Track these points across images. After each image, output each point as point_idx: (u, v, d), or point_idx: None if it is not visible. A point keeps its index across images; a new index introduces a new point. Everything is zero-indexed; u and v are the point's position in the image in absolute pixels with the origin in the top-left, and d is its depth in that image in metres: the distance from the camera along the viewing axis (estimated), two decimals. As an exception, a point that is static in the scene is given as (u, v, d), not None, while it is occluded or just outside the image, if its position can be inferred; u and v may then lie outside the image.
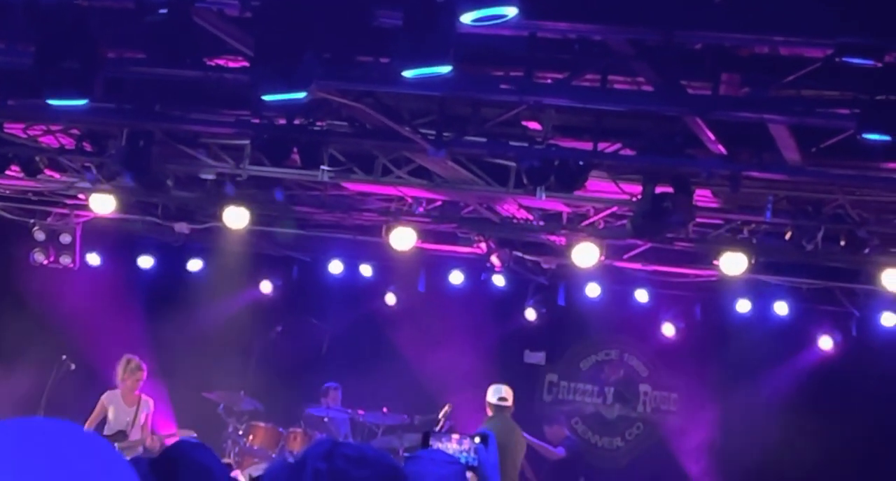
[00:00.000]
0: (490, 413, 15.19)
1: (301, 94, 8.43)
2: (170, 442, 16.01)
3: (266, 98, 8.60)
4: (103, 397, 15.91)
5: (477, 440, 5.59)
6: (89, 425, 15.60)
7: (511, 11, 7.31)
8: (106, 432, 15.48)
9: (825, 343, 18.01)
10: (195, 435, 16.06)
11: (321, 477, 2.66)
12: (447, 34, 7.53)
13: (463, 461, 5.42)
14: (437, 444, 5.62)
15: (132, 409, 15.83)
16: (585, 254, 15.14)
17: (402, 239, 15.70)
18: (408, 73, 7.92)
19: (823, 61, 9.16)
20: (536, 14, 8.18)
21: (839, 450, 17.15)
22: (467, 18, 7.38)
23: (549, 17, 8.58)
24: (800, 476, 17.19)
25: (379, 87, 10.56)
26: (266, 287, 20.38)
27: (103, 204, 16.30)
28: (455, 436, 5.68)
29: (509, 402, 15.23)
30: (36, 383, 17.46)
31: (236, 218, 15.70)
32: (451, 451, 5.47)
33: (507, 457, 14.71)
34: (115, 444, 14.21)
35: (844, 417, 17.37)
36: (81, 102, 9.38)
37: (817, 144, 11.19)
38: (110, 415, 15.74)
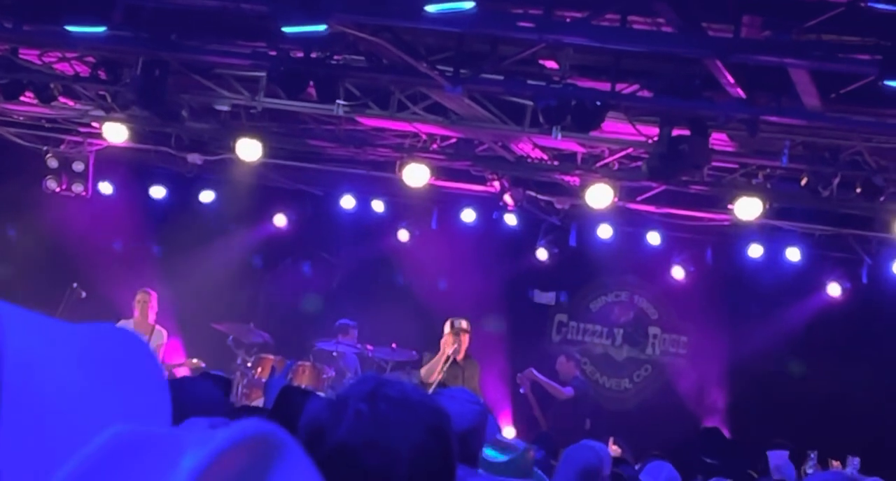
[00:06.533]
0: None
1: (321, 27, 8.41)
2: (179, 371, 16.08)
3: (286, 29, 8.57)
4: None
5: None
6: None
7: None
8: (117, 361, 15.52)
9: (834, 289, 17.91)
10: (204, 365, 16.11)
11: (363, 419, 2.56)
12: (471, -31, 7.47)
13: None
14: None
15: (145, 338, 15.86)
16: (599, 195, 15.11)
17: (416, 175, 15.64)
18: (431, 8, 7.87)
19: (846, 6, 9.11)
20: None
21: (843, 395, 17.21)
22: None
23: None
24: (804, 419, 17.21)
25: (399, 21, 10.49)
26: (280, 220, 20.22)
27: (117, 133, 16.27)
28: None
29: None
30: (45, 310, 17.38)
31: (250, 150, 15.64)
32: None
33: None
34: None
35: (850, 363, 17.41)
36: (100, 29, 9.37)
37: (837, 90, 11.14)
38: (121, 344, 15.75)
